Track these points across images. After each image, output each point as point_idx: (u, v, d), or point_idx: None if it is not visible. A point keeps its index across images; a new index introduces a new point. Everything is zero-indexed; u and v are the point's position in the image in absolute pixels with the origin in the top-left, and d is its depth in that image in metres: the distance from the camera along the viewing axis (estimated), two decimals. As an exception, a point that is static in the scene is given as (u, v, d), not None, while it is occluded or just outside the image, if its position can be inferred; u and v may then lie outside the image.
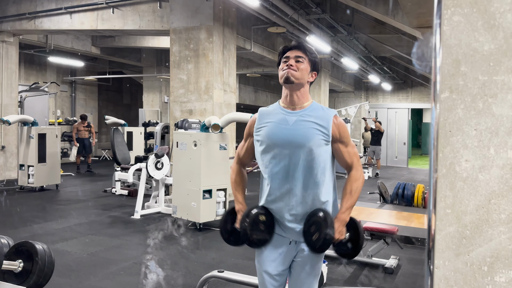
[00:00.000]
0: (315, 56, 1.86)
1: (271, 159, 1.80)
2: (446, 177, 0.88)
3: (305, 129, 1.77)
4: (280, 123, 1.80)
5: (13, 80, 9.65)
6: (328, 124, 1.78)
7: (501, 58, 0.83)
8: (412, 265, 4.36)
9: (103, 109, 16.84)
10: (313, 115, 1.80)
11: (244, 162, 2.03)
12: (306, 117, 1.79)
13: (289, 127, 1.78)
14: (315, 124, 1.77)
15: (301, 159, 1.75)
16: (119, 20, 8.26)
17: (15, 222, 5.74)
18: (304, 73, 1.81)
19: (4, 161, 9.46)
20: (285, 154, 1.77)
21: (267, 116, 1.86)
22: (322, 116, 1.80)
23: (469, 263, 0.88)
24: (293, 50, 1.83)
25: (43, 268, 1.79)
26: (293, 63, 1.79)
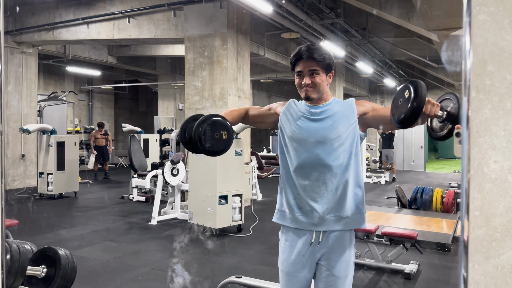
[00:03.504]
0: (327, 60, 1.82)
1: (297, 149, 1.80)
2: (474, 179, 0.86)
3: (330, 118, 1.80)
4: (306, 115, 1.84)
5: (32, 90, 9.87)
6: (351, 108, 1.82)
7: (529, 57, 0.82)
8: (432, 270, 4.28)
9: (120, 117, 17.08)
10: (336, 106, 1.84)
11: (248, 116, 2.01)
12: (331, 109, 1.83)
13: (315, 118, 1.82)
14: (339, 111, 1.82)
15: (327, 147, 1.76)
16: (135, 29, 8.39)
17: (36, 229, 5.84)
18: (321, 85, 1.82)
19: (24, 169, 9.65)
20: (312, 143, 1.78)
21: (295, 108, 1.89)
22: (344, 104, 1.86)
23: (499, 266, 0.85)
24: (305, 61, 1.80)
25: (66, 273, 1.81)
26: (309, 81, 1.80)
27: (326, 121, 1.81)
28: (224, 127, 1.71)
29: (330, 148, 1.77)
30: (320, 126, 1.80)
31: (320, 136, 1.78)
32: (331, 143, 1.77)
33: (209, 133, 1.67)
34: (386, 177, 12.00)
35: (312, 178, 1.78)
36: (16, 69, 9.58)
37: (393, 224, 5.63)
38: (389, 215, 6.60)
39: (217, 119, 1.71)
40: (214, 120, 1.70)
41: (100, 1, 8.72)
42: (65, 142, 8.35)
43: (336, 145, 1.77)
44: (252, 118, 2.02)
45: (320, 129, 1.80)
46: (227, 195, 5.45)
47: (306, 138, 1.80)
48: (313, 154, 1.78)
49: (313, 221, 1.79)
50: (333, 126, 1.79)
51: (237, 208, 5.59)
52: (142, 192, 8.31)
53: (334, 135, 1.77)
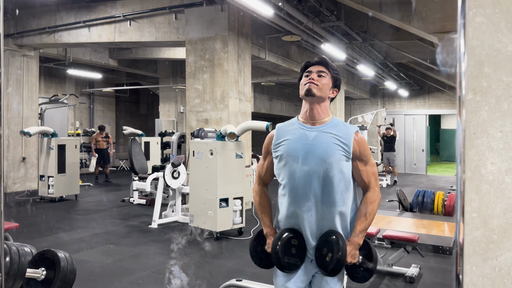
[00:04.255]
0: (337, 73, 1.85)
1: (290, 175, 1.77)
2: (471, 180, 0.86)
3: (325, 144, 1.74)
4: (299, 139, 1.77)
5: (33, 93, 9.89)
6: (349, 140, 1.75)
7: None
8: (434, 273, 4.26)
9: (121, 120, 17.11)
10: (333, 131, 1.77)
11: (266, 182, 2.00)
12: (327, 132, 1.76)
13: (309, 143, 1.75)
14: (336, 140, 1.74)
15: (321, 175, 1.72)
16: (136, 32, 8.42)
17: (36, 231, 5.84)
18: (325, 88, 1.79)
19: (25, 172, 9.66)
20: (305, 170, 1.74)
21: (285, 132, 1.83)
22: (343, 131, 1.77)
23: (497, 268, 0.85)
24: (316, 65, 1.83)
25: (66, 275, 1.81)
26: (315, 77, 1.79)
27: (321, 146, 1.75)
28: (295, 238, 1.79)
29: (323, 176, 1.73)
30: (314, 151, 1.75)
31: (314, 162, 1.73)
32: (325, 171, 1.73)
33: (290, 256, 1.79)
34: (387, 180, 11.98)
35: (304, 206, 1.77)
36: (17, 72, 9.61)
37: (394, 227, 5.62)
38: (390, 218, 6.59)
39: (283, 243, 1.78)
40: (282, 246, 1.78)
41: (101, 4, 8.75)
42: (66, 145, 8.36)
43: (330, 174, 1.73)
44: (269, 178, 2.00)
45: (314, 154, 1.74)
46: (228, 198, 5.45)
47: (299, 164, 1.76)
48: (306, 180, 1.75)
49: (308, 246, 1.81)
50: (327, 153, 1.73)
51: (238, 211, 5.59)
52: (143, 195, 8.31)
53: (328, 163, 1.73)
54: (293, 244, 1.77)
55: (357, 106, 18.29)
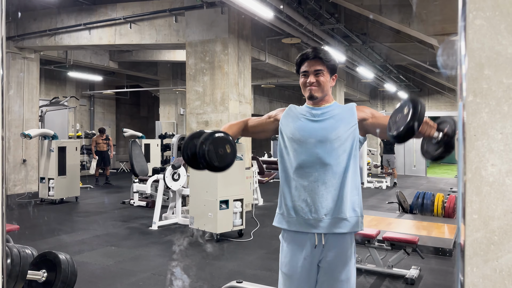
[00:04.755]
0: (332, 62, 1.88)
1: (297, 150, 1.82)
2: (472, 182, 0.87)
3: (330, 119, 1.83)
4: (306, 117, 1.87)
5: (34, 95, 9.90)
6: (351, 112, 1.85)
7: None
8: (434, 275, 4.26)
9: (121, 122, 17.12)
10: (336, 109, 1.88)
11: (248, 127, 2.03)
12: (332, 110, 1.87)
13: (315, 119, 1.85)
14: (340, 114, 1.85)
15: (327, 148, 1.78)
16: (136, 34, 8.44)
17: (36, 234, 5.84)
18: (325, 85, 1.87)
19: (25, 174, 9.66)
20: (312, 144, 1.80)
21: (296, 111, 1.92)
22: (345, 108, 1.89)
23: (498, 269, 0.86)
24: (311, 61, 1.85)
25: (67, 277, 1.82)
26: (314, 79, 1.84)
27: (327, 122, 1.84)
28: (226, 141, 1.73)
29: (330, 148, 1.79)
30: (320, 126, 1.83)
31: (320, 136, 1.80)
32: (331, 143, 1.79)
33: (213, 150, 1.69)
34: (387, 182, 11.98)
35: (311, 178, 1.79)
36: (18, 75, 9.63)
37: (394, 229, 5.62)
38: (390, 220, 6.58)
39: (219, 135, 1.72)
40: (216, 137, 1.70)
41: (101, 7, 8.77)
42: (66, 147, 8.37)
43: (336, 145, 1.79)
44: (252, 129, 2.03)
45: (320, 129, 1.82)
46: (228, 200, 5.45)
47: (306, 138, 1.82)
48: (313, 154, 1.79)
49: (312, 223, 1.79)
50: (333, 127, 1.81)
51: (238, 213, 5.59)
52: (143, 197, 8.31)
53: (334, 136, 1.79)
54: (225, 146, 1.72)
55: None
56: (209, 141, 1.68)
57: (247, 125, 2.03)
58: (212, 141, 1.69)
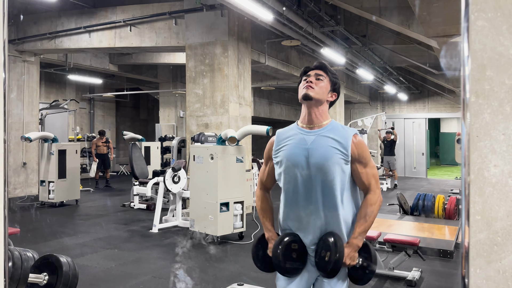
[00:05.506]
0: (336, 77, 1.86)
1: (290, 180, 1.79)
2: (474, 183, 0.87)
3: (323, 148, 1.75)
4: (298, 143, 1.79)
5: (34, 98, 9.91)
6: (347, 143, 1.76)
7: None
8: (435, 277, 4.25)
9: (121, 125, 17.12)
10: (332, 134, 1.78)
11: (268, 187, 2.02)
12: (325, 136, 1.77)
13: (307, 147, 1.77)
14: (334, 143, 1.75)
15: (321, 179, 1.74)
16: (136, 37, 8.45)
17: (37, 237, 5.83)
18: (323, 91, 1.81)
19: (25, 178, 9.66)
20: (305, 174, 1.76)
21: (285, 138, 1.85)
22: (341, 135, 1.77)
23: (501, 270, 0.85)
24: (314, 69, 1.85)
25: (68, 280, 1.81)
26: (313, 80, 1.81)
27: (319, 150, 1.75)
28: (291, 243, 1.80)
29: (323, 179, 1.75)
30: (313, 155, 1.76)
31: (313, 166, 1.75)
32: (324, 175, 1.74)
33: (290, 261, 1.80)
34: (387, 183, 11.98)
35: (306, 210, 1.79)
36: (18, 78, 9.64)
37: (395, 231, 5.61)
38: (391, 221, 6.58)
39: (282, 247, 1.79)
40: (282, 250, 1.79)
41: (101, 10, 8.79)
42: (67, 150, 8.36)
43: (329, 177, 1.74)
44: (271, 183, 2.00)
45: (312, 158, 1.75)
46: (229, 202, 5.45)
47: (299, 169, 1.77)
48: (306, 184, 1.77)
49: (308, 251, 1.83)
50: (326, 157, 1.74)
51: (238, 215, 5.58)
52: (144, 200, 8.30)
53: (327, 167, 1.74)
54: (293, 248, 1.79)
55: (356, 110, 18.32)
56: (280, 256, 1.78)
57: (265, 187, 2.02)
58: (283, 254, 1.79)
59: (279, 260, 1.77)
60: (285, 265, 1.78)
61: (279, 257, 1.77)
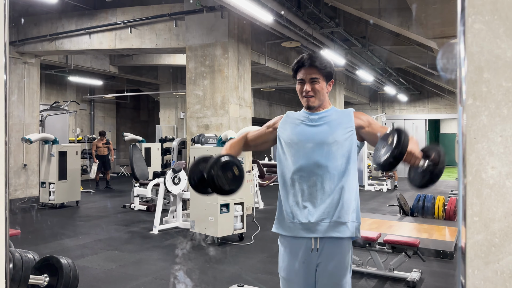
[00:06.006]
0: (328, 68, 1.87)
1: (295, 154, 1.83)
2: (472, 185, 0.87)
3: (327, 124, 1.84)
4: (304, 122, 1.88)
5: (34, 100, 9.92)
6: (349, 118, 1.86)
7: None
8: (435, 278, 4.26)
9: (121, 126, 17.13)
10: (334, 114, 1.89)
11: (248, 141, 2.04)
12: (329, 115, 1.88)
13: (313, 123, 1.86)
14: (337, 119, 1.86)
15: (325, 151, 1.79)
16: (137, 39, 8.46)
17: (37, 238, 5.83)
18: (322, 92, 1.87)
19: (26, 179, 9.66)
20: (310, 148, 1.80)
21: (293, 117, 1.94)
22: (342, 112, 1.90)
23: (499, 271, 0.86)
24: (306, 69, 1.85)
25: (69, 281, 1.82)
26: (309, 88, 1.84)
27: (324, 126, 1.85)
28: (234, 164, 1.75)
29: (327, 152, 1.79)
30: (318, 130, 1.84)
31: (318, 140, 1.81)
32: (328, 147, 1.79)
33: (222, 175, 1.71)
34: (387, 184, 11.98)
35: (309, 183, 1.80)
36: (18, 79, 9.65)
37: (395, 232, 5.62)
38: (391, 223, 6.58)
39: (226, 159, 1.73)
40: (223, 161, 1.72)
41: (102, 12, 8.80)
42: (67, 151, 8.37)
43: (333, 149, 1.79)
44: (253, 142, 2.03)
45: (317, 133, 1.83)
46: (229, 203, 5.45)
47: (304, 142, 1.83)
48: (311, 158, 1.80)
49: (310, 227, 1.79)
50: (330, 131, 1.82)
51: (238, 216, 5.58)
52: (144, 201, 8.30)
53: (331, 139, 1.80)
54: (233, 169, 1.73)
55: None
56: (216, 166, 1.70)
57: (247, 140, 2.04)
58: (220, 166, 1.71)
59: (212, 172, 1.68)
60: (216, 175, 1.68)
61: (214, 167, 1.69)
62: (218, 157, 1.73)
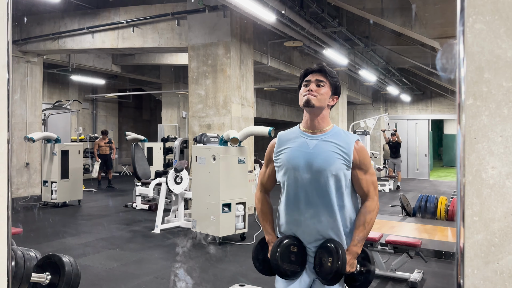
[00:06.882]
0: (336, 80, 1.85)
1: (291, 184, 1.79)
2: (472, 184, 0.87)
3: (326, 152, 1.75)
4: (300, 147, 1.79)
5: (37, 99, 9.95)
6: (349, 149, 1.77)
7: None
8: (437, 279, 4.25)
9: (123, 126, 17.16)
10: (334, 139, 1.79)
11: (268, 189, 2.02)
12: (327, 141, 1.78)
13: (309, 151, 1.77)
14: (336, 148, 1.76)
15: (322, 183, 1.74)
16: (139, 38, 8.48)
17: (39, 237, 5.85)
18: (324, 97, 1.80)
19: (28, 178, 9.69)
20: (306, 178, 1.76)
21: (286, 140, 1.85)
22: (344, 140, 1.78)
23: (498, 271, 0.86)
24: (315, 73, 1.82)
25: (70, 280, 1.82)
26: (314, 87, 1.79)
27: (321, 154, 1.76)
28: (294, 245, 1.81)
29: (324, 185, 1.75)
30: (315, 159, 1.76)
31: (315, 170, 1.75)
32: (325, 179, 1.74)
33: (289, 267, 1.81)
34: (390, 185, 11.96)
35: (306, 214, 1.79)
36: (21, 78, 9.68)
37: (397, 233, 5.60)
38: (393, 223, 6.57)
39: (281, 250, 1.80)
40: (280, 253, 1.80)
41: (104, 11, 8.82)
42: (69, 150, 8.39)
43: (330, 182, 1.75)
44: (271, 185, 2.00)
45: (314, 162, 1.76)
46: (231, 203, 5.45)
47: (300, 172, 1.77)
48: (307, 188, 1.77)
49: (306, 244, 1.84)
50: (328, 162, 1.74)
51: (240, 216, 5.59)
52: (146, 200, 8.32)
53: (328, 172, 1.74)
54: (292, 250, 1.79)
55: (359, 111, 18.30)
56: (279, 259, 1.79)
57: (265, 189, 2.02)
58: (281, 257, 1.79)
59: (278, 263, 1.78)
60: (283, 267, 1.78)
61: (278, 259, 1.78)
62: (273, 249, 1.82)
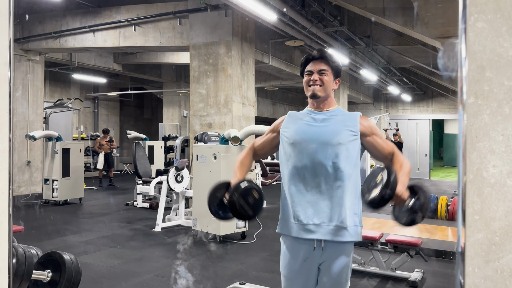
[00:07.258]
0: (337, 64, 1.90)
1: (298, 154, 1.81)
2: (473, 183, 0.88)
3: (332, 125, 1.82)
4: (308, 122, 1.86)
5: (38, 97, 9.97)
6: (355, 122, 1.84)
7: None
8: (437, 278, 4.25)
9: (125, 124, 17.18)
10: (339, 115, 1.87)
11: (257, 152, 2.04)
12: (334, 116, 1.86)
13: (317, 124, 1.84)
14: (343, 120, 1.84)
15: (328, 153, 1.77)
16: (141, 37, 8.48)
17: (40, 234, 5.87)
18: (328, 85, 1.86)
19: (30, 176, 9.71)
20: (313, 149, 1.78)
21: (296, 117, 1.92)
22: (349, 115, 1.89)
23: (499, 270, 0.86)
24: (316, 61, 1.86)
25: (71, 277, 1.83)
26: (317, 77, 1.84)
27: (329, 126, 1.82)
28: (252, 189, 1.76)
29: (331, 154, 1.77)
30: (322, 131, 1.81)
31: (322, 140, 1.78)
32: (332, 149, 1.77)
33: (244, 202, 1.74)
34: (390, 184, 11.92)
35: (312, 184, 1.78)
36: (23, 76, 9.69)
37: (398, 232, 5.60)
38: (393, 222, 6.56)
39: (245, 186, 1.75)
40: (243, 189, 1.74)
41: (106, 10, 8.82)
42: (71, 148, 8.40)
43: (338, 151, 1.77)
44: (261, 150, 2.02)
45: (322, 134, 1.80)
46: (231, 201, 5.45)
47: (307, 142, 1.80)
48: (314, 159, 1.78)
49: (312, 228, 1.78)
50: (335, 133, 1.79)
51: (241, 215, 5.58)
52: (147, 199, 8.33)
53: (335, 141, 1.77)
54: (253, 194, 1.75)
55: (360, 111, 18.21)
56: (237, 194, 1.73)
57: (255, 150, 2.03)
58: (240, 193, 1.73)
59: (235, 198, 1.72)
60: (239, 202, 1.72)
61: (235, 194, 1.72)
62: (237, 184, 1.76)
